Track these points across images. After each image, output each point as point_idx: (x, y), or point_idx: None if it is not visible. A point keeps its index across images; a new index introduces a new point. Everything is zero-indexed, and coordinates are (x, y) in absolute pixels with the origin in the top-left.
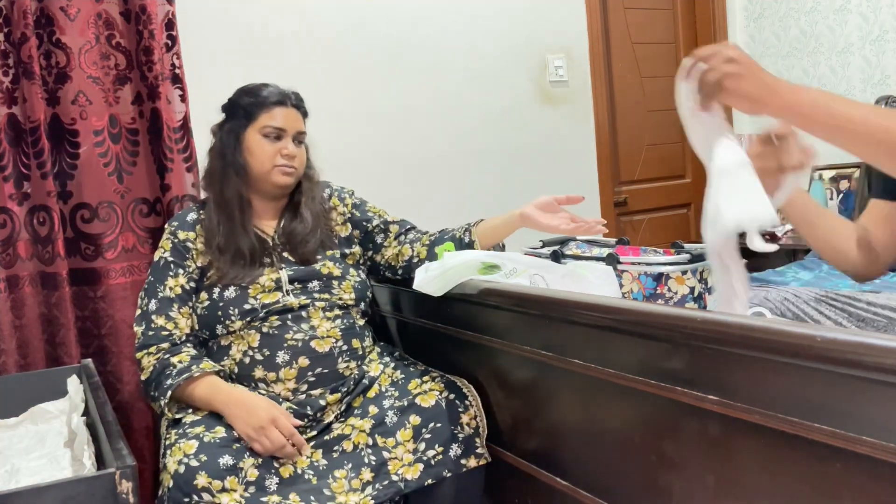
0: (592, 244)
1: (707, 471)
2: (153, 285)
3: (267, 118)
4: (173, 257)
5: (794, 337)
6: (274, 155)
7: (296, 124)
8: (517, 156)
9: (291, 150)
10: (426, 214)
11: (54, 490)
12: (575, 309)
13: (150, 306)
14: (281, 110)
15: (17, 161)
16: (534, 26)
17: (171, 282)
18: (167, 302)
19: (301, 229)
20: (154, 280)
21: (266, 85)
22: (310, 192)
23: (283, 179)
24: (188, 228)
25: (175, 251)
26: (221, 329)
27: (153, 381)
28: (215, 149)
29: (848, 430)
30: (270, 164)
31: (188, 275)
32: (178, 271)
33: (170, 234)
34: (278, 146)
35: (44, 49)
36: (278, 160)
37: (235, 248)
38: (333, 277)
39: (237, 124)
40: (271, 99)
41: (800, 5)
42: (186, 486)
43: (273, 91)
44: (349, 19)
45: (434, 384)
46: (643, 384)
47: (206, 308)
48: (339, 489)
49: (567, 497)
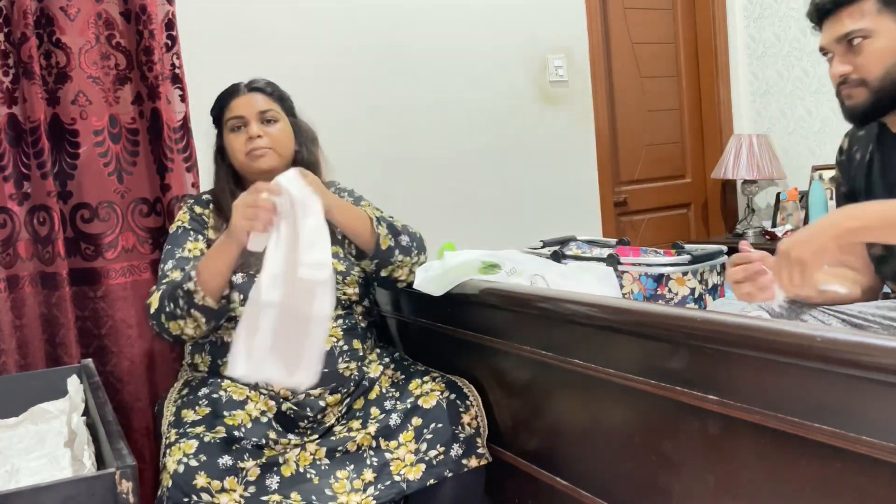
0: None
1: (707, 471)
2: (171, 251)
3: (228, 112)
4: (192, 226)
5: (794, 337)
6: (242, 145)
7: (255, 106)
8: (517, 156)
9: (253, 131)
10: (426, 214)
11: (54, 490)
12: (575, 309)
13: (166, 265)
14: (238, 100)
15: (17, 161)
16: (534, 26)
17: (191, 244)
18: (184, 261)
19: None
20: (172, 246)
21: (230, 85)
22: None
23: (256, 164)
24: (204, 205)
25: (193, 221)
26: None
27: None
28: (214, 157)
29: (848, 430)
30: (241, 154)
31: (207, 241)
32: (197, 237)
33: (187, 209)
34: (243, 136)
35: (44, 49)
36: (246, 146)
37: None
38: (337, 272)
39: (218, 133)
40: (228, 94)
41: (800, 5)
42: (186, 486)
43: (230, 89)
44: (349, 19)
45: (435, 384)
46: (643, 384)
47: None
48: (341, 489)
49: (567, 497)
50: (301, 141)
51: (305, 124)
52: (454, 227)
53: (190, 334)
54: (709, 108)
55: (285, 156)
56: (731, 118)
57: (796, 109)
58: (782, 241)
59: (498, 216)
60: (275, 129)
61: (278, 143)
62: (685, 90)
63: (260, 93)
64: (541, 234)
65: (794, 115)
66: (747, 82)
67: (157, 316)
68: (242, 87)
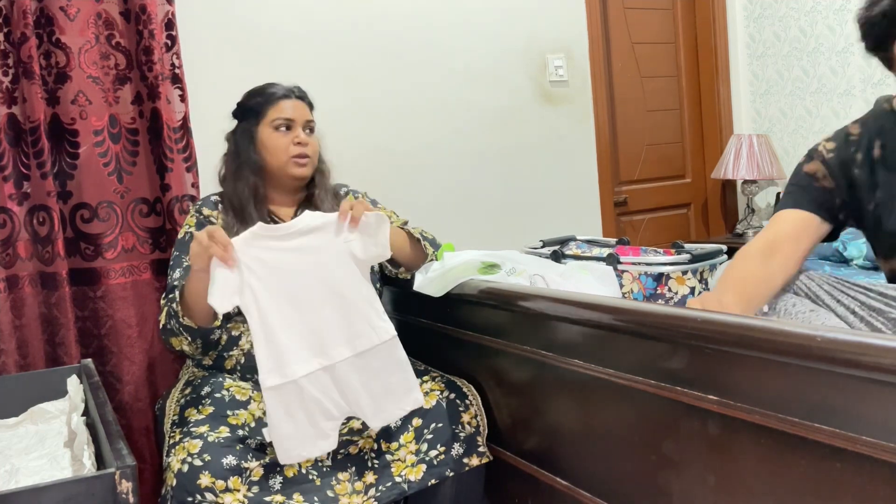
0: (592, 244)
1: (707, 471)
2: (178, 259)
3: (275, 111)
4: (199, 230)
5: (794, 337)
6: (287, 146)
7: (304, 114)
8: (517, 156)
9: (303, 138)
10: (426, 214)
11: (54, 490)
12: (575, 309)
13: (174, 275)
14: (288, 102)
15: (16, 161)
16: (534, 26)
17: None
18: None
19: None
20: (179, 254)
21: (271, 84)
22: (323, 185)
23: (298, 171)
24: (211, 207)
25: (200, 225)
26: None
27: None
28: (230, 152)
29: (848, 430)
30: (285, 155)
31: None
32: None
33: (195, 212)
34: (290, 136)
35: (44, 49)
36: (292, 150)
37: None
38: None
39: (249, 124)
40: (277, 94)
41: (800, 5)
42: (190, 485)
43: (278, 87)
44: (349, 19)
45: (434, 384)
46: (643, 384)
47: None
48: (343, 491)
49: (567, 497)
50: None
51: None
52: (454, 227)
53: (187, 351)
54: (709, 108)
55: (315, 167)
56: (731, 118)
57: (796, 109)
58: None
59: (498, 216)
60: (314, 141)
61: (315, 154)
62: (685, 90)
63: (306, 102)
64: (541, 234)
65: (794, 115)
66: (747, 82)
67: (163, 331)
68: (291, 92)
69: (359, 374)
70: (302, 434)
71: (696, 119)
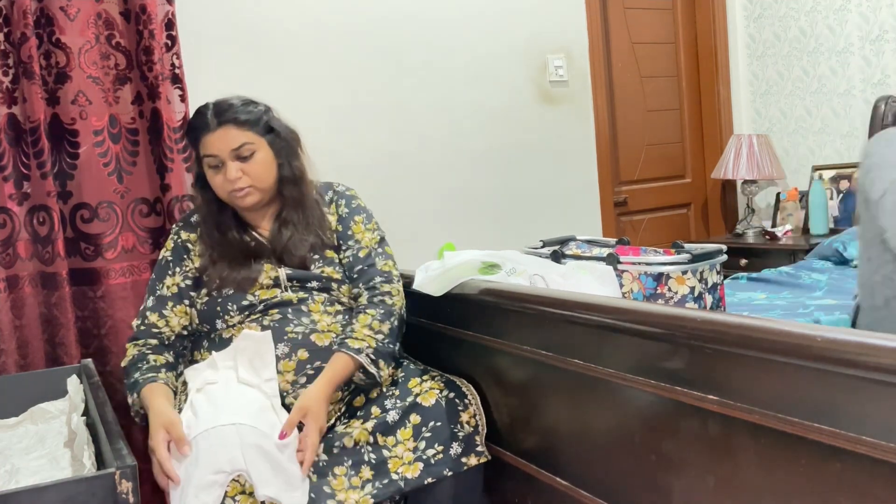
0: (592, 244)
1: (707, 471)
2: (154, 283)
3: (203, 149)
4: (173, 256)
5: (794, 337)
6: (222, 184)
7: (228, 143)
8: (517, 156)
9: (231, 175)
10: (426, 214)
11: (54, 490)
12: (575, 309)
13: (147, 303)
14: (210, 137)
15: (16, 161)
16: (534, 26)
17: (169, 280)
18: (163, 300)
19: (287, 237)
20: (155, 278)
21: (197, 111)
22: (293, 200)
23: (242, 203)
24: (190, 229)
25: (175, 250)
26: (221, 324)
27: (128, 368)
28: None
29: (848, 430)
30: (224, 192)
31: (184, 273)
32: (175, 270)
33: (174, 234)
34: (221, 175)
35: (44, 49)
36: (226, 186)
37: (231, 258)
38: (333, 280)
39: (196, 158)
40: (199, 128)
41: (800, 5)
42: None
43: (200, 118)
44: (349, 19)
45: (434, 383)
46: (643, 384)
47: (206, 304)
48: (339, 486)
49: (567, 496)
50: (282, 156)
51: (285, 131)
52: (454, 227)
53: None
54: (709, 108)
55: (267, 187)
56: (731, 118)
57: (796, 109)
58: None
59: (498, 216)
60: (253, 165)
61: (258, 179)
62: (685, 90)
63: (231, 124)
64: (541, 234)
65: (794, 115)
66: (747, 82)
67: (123, 370)
68: (212, 121)
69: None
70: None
71: (696, 119)
